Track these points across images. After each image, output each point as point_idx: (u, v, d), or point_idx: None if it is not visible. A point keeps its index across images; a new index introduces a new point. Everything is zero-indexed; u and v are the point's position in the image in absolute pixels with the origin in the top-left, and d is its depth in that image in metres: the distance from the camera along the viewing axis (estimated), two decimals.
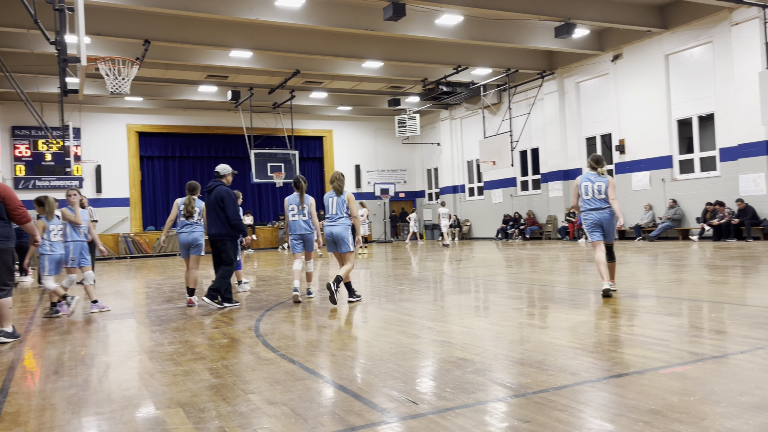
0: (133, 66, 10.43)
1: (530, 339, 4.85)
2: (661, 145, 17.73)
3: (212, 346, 5.22)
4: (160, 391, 3.85)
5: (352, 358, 4.56)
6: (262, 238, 25.13)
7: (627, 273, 9.47)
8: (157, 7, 13.19)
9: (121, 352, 5.24)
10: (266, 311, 7.18)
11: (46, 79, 18.54)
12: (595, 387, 3.47)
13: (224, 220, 7.61)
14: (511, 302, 7.03)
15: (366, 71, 20.12)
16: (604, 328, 5.28)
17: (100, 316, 7.53)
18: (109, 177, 23.29)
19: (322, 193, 27.62)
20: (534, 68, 20.78)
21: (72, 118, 21.49)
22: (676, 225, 17.14)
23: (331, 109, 26.29)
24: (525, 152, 23.28)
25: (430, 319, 6.12)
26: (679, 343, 4.41)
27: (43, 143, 22.22)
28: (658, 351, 4.20)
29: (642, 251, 13.87)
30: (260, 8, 14.13)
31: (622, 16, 16.29)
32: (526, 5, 15.09)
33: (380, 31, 15.61)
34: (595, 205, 6.96)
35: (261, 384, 3.89)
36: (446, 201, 27.19)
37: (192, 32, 15.70)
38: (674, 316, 5.60)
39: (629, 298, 6.83)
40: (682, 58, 17.22)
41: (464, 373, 3.90)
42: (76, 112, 22.12)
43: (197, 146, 25.45)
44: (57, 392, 3.97)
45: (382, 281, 10.10)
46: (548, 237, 21.66)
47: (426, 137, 28.53)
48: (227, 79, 20.91)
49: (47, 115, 20.61)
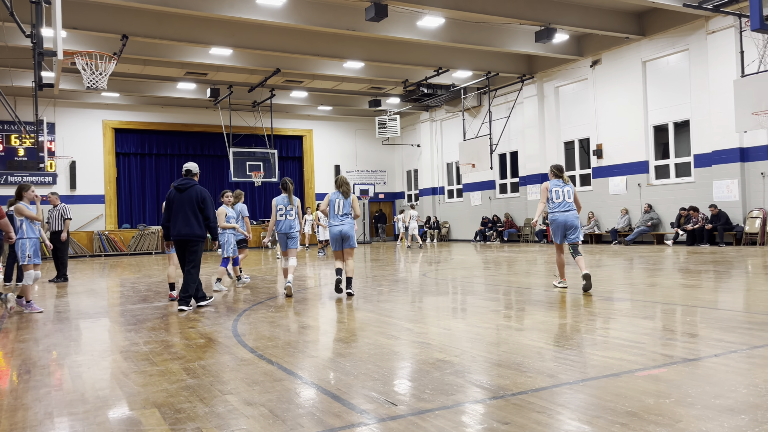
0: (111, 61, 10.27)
1: (508, 341, 4.88)
2: (638, 151, 18.00)
3: (189, 346, 5.15)
4: (136, 392, 3.78)
5: (331, 359, 4.53)
6: None
7: (603, 276, 9.58)
8: (135, 1, 13.01)
9: (95, 352, 5.15)
10: (244, 311, 7.12)
11: (20, 73, 18.17)
12: (572, 389, 3.50)
13: (201, 221, 7.49)
14: (489, 304, 7.06)
15: (347, 71, 20.09)
16: (581, 330, 5.33)
17: (75, 314, 7.39)
18: (84, 173, 22.90)
19: (302, 192, 27.50)
20: (514, 72, 20.94)
21: (46, 112, 21.09)
22: (652, 229, 17.41)
23: (312, 108, 26.19)
24: (504, 155, 23.44)
25: (409, 321, 6.12)
26: (654, 346, 4.47)
27: (16, 138, 21.78)
28: (634, 354, 4.26)
29: (618, 255, 14.05)
30: (241, 6, 14.02)
31: (601, 23, 16.51)
32: (508, 9, 15.20)
33: (362, 31, 15.59)
34: (566, 207, 7.79)
35: (239, 385, 3.85)
36: (426, 202, 27.30)
37: (171, 28, 15.52)
38: (649, 319, 5.67)
39: (605, 301, 6.91)
40: (659, 65, 17.50)
41: (443, 374, 3.91)
42: (50, 107, 21.71)
43: (175, 144, 25.15)
44: (29, 392, 3.89)
45: (360, 282, 10.08)
46: (526, 240, 21.84)
47: (406, 139, 28.57)
48: (206, 77, 20.72)
49: (21, 110, 20.18)
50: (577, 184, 20.43)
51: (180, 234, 7.42)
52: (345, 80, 21.65)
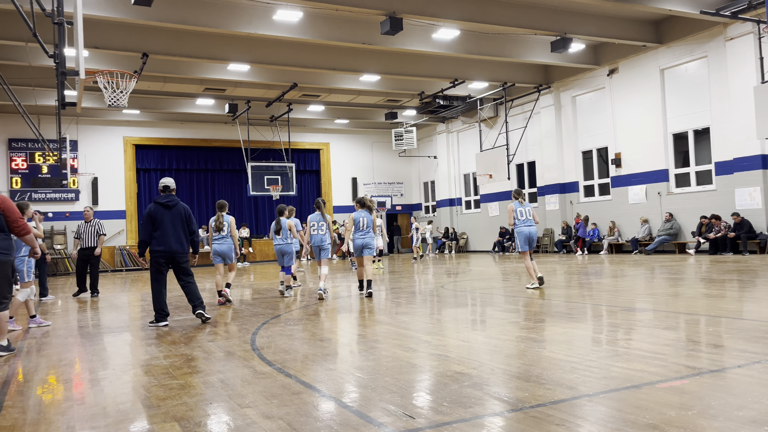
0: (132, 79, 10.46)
1: (527, 353, 4.84)
2: (657, 159, 17.82)
3: (208, 360, 5.19)
4: (156, 405, 3.82)
5: (349, 372, 4.54)
6: (258, 250, 25.08)
7: (624, 286, 9.47)
8: (155, 20, 13.26)
9: (116, 366, 5.21)
10: (262, 324, 7.15)
11: (43, 92, 18.58)
12: (592, 401, 3.46)
13: (187, 236, 7.64)
14: (508, 316, 7.02)
15: (363, 85, 20.23)
16: (601, 341, 5.27)
17: (96, 329, 7.48)
18: (106, 189, 23.26)
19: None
20: (530, 82, 20.91)
21: (69, 130, 21.50)
22: (673, 239, 17.18)
23: (329, 122, 26.37)
24: (521, 165, 23.36)
25: (427, 333, 6.10)
26: (676, 357, 4.41)
27: (40, 156, 22.20)
28: (656, 365, 4.20)
29: (639, 265, 13.89)
30: (258, 22, 14.22)
31: (617, 31, 16.44)
32: (523, 20, 15.21)
33: (377, 45, 15.71)
34: (529, 223, 9.78)
35: (257, 398, 3.87)
36: (443, 214, 27.24)
37: (190, 45, 15.77)
38: (671, 329, 5.59)
39: (626, 312, 6.83)
40: (678, 73, 17.36)
41: (461, 387, 3.89)
42: (73, 124, 22.13)
43: (194, 159, 25.47)
44: (52, 406, 3.94)
45: (378, 295, 10.08)
46: (545, 250, 21.67)
47: (423, 150, 28.62)
48: (225, 92, 20.99)
49: (44, 128, 20.58)
50: (596, 194, 20.28)
51: (171, 250, 7.50)
52: (361, 93, 21.78)
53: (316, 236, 9.93)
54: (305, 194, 27.61)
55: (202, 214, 25.63)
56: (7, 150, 21.82)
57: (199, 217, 25.52)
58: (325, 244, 9.92)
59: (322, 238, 9.93)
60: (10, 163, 21.83)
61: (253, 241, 25.05)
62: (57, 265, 21.30)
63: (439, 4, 14.11)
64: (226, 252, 9.61)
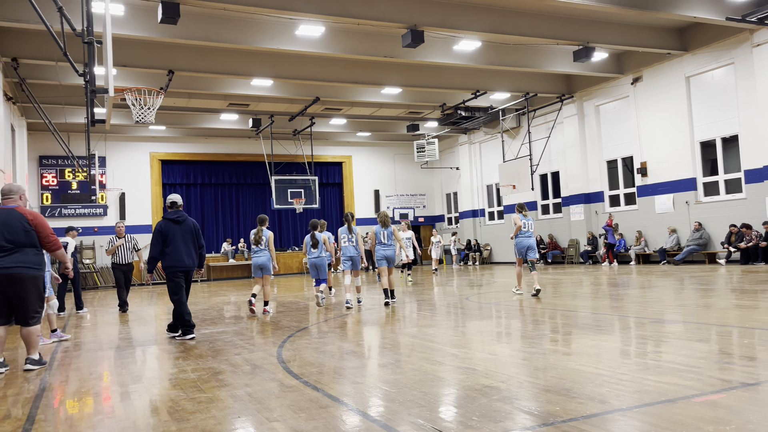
0: (158, 96, 10.65)
1: (556, 366, 4.77)
2: (684, 168, 17.54)
3: (235, 373, 5.21)
4: (185, 419, 3.84)
5: (376, 385, 4.51)
6: (282, 263, 25.20)
7: (653, 298, 9.30)
8: (180, 38, 13.50)
9: (145, 379, 5.26)
10: (288, 337, 7.16)
11: (73, 110, 19.00)
12: (626, 416, 3.39)
13: (197, 251, 7.72)
14: (535, 328, 6.93)
15: (385, 97, 20.32)
16: (631, 354, 5.17)
17: (125, 342, 7.57)
18: (133, 204, 23.63)
19: (340, 217, 27.69)
20: (553, 92, 20.80)
21: (98, 147, 21.93)
22: (702, 248, 16.85)
23: (351, 135, 26.51)
24: (545, 176, 23.18)
25: (453, 346, 6.05)
26: (711, 371, 4.31)
27: (70, 172, 22.67)
28: (690, 378, 4.10)
29: (668, 275, 13.64)
30: (281, 37, 14.39)
31: (641, 39, 16.29)
32: (544, 30, 15.16)
33: (399, 57, 15.78)
34: (529, 234, 10.68)
35: (285, 412, 3.87)
36: (466, 225, 27.11)
37: (214, 62, 16.02)
38: (704, 342, 5.47)
39: (656, 324, 6.70)
40: (704, 80, 17.11)
41: (490, 400, 3.84)
42: (101, 141, 22.57)
43: (219, 173, 25.77)
44: (83, 420, 3.99)
45: (402, 307, 10.04)
46: (570, 261, 21.42)
47: (445, 162, 28.58)
48: (248, 107, 21.24)
49: (74, 145, 21.03)
50: (622, 203, 20.02)
51: (184, 265, 7.56)
52: (383, 106, 21.88)
53: (346, 248, 10.37)
54: (328, 207, 27.73)
55: (227, 228, 25.88)
56: (38, 167, 22.32)
57: (225, 231, 25.79)
58: (355, 256, 10.37)
59: (352, 251, 10.36)
60: (41, 180, 22.32)
61: (277, 253, 25.18)
62: (86, 279, 21.65)
63: (460, 16, 14.14)
64: (264, 264, 9.94)
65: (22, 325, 5.89)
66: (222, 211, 26.05)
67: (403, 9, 13.48)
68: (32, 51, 14.05)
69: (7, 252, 5.69)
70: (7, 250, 5.69)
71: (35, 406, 4.41)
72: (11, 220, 5.75)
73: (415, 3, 13.59)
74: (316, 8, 12.66)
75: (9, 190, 5.98)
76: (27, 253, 5.76)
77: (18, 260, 5.69)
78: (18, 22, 12.14)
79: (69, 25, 8.16)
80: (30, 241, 5.80)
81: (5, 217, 5.77)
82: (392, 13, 13.39)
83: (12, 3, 11.99)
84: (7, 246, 5.69)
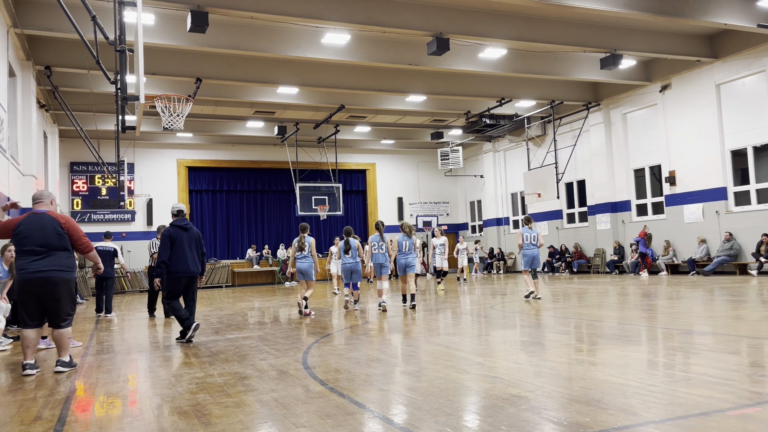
0: (187, 103, 10.82)
1: (585, 376, 4.70)
2: (715, 177, 17.22)
3: (261, 378, 5.23)
4: (213, 423, 3.86)
5: (402, 393, 4.49)
6: None
7: (682, 309, 9.13)
8: (208, 46, 13.70)
9: (173, 382, 5.31)
10: (313, 343, 7.18)
11: (103, 117, 19.38)
12: (659, 428, 3.32)
13: (200, 257, 7.97)
14: (561, 338, 6.85)
15: (409, 105, 20.35)
16: (661, 365, 5.07)
17: (153, 346, 7.66)
18: (160, 210, 23.94)
19: (365, 225, 27.74)
20: (579, 100, 20.62)
21: (126, 153, 22.32)
22: (733, 259, 16.50)
23: (375, 142, 26.58)
24: (571, 184, 22.95)
25: (479, 354, 6.01)
26: (744, 384, 4.20)
27: (99, 178, 23.11)
28: (723, 391, 4.01)
29: (697, 286, 13.38)
30: (307, 46, 14.51)
31: (670, 47, 16.07)
32: (571, 37, 15.04)
33: (424, 65, 15.79)
34: (532, 246, 11.83)
35: (312, 417, 3.87)
36: (490, 233, 26.94)
37: (241, 70, 16.22)
38: (735, 354, 5.34)
39: (685, 335, 6.57)
40: (735, 88, 16.81)
41: (518, 410, 3.80)
42: (130, 148, 22.98)
43: (244, 180, 26.03)
44: (112, 422, 4.04)
45: (425, 315, 10.00)
46: (596, 271, 21.14)
47: (469, 169, 28.48)
48: (274, 115, 21.43)
49: (103, 151, 21.47)
50: (649, 213, 19.72)
51: (189, 271, 7.83)
52: (407, 114, 21.91)
53: (377, 255, 10.89)
54: (351, 214, 27.81)
55: (251, 235, 26.08)
56: (69, 173, 22.79)
57: (249, 237, 25.98)
58: (385, 262, 10.86)
59: (382, 257, 10.88)
60: (71, 186, 22.79)
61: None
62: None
63: (486, 24, 14.11)
64: (306, 269, 10.56)
65: (54, 327, 6.02)
66: (247, 217, 26.28)
67: (429, 17, 13.51)
68: (65, 59, 14.38)
69: (41, 256, 5.82)
70: (41, 254, 5.82)
71: (65, 408, 4.48)
72: (44, 224, 5.88)
73: (441, 11, 13.61)
74: (342, 16, 12.75)
75: (40, 195, 6.17)
76: (60, 257, 5.90)
77: (52, 264, 5.83)
78: (52, 31, 12.45)
79: (102, 34, 8.34)
80: (62, 245, 5.93)
81: (38, 221, 5.90)
82: (418, 20, 13.42)
83: (46, 13, 12.30)
84: (41, 250, 5.83)
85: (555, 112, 21.39)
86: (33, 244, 5.81)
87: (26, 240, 5.82)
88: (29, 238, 5.82)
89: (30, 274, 5.77)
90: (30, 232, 5.83)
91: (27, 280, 5.78)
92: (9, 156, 12.14)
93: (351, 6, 12.84)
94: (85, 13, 9.37)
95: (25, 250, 5.82)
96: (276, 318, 10.69)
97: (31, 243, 5.81)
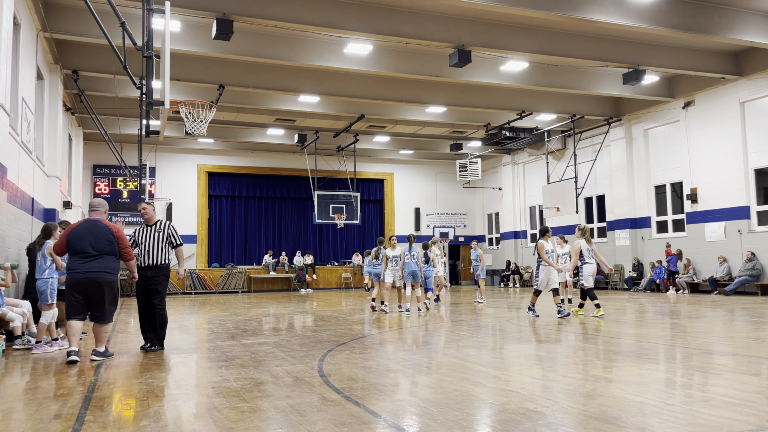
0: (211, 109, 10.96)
1: (603, 393, 4.65)
2: (737, 195, 16.99)
3: (277, 384, 5.25)
4: (229, 427, 3.88)
5: (417, 404, 4.48)
6: (322, 278, 25.36)
7: (702, 329, 9.00)
8: (232, 54, 13.87)
9: (189, 386, 5.35)
10: (328, 351, 7.19)
11: (126, 122, 19.68)
12: None
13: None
14: (578, 353, 6.78)
15: (429, 116, 20.39)
16: (681, 385, 5.00)
17: (169, 349, 7.72)
18: (179, 214, 24.21)
19: (382, 234, 27.74)
20: (600, 114, 20.51)
21: (148, 158, 22.63)
22: (755, 279, 16.23)
23: (394, 152, 26.65)
24: (590, 199, 22.79)
25: (495, 368, 5.97)
26: (766, 406, 4.13)
27: (121, 181, 23.44)
28: (744, 413, 3.94)
29: (718, 306, 13.18)
30: (329, 55, 14.63)
31: (693, 63, 15.95)
32: (594, 52, 15.00)
33: (445, 77, 15.84)
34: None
35: (327, 425, 3.87)
36: (507, 246, 26.79)
37: (263, 77, 16.39)
38: (756, 376, 5.25)
39: (705, 355, 6.47)
40: (760, 106, 16.61)
41: (535, 425, 3.77)
42: (152, 152, 23.29)
43: (263, 187, 26.22)
44: (129, 423, 4.08)
45: (441, 327, 9.96)
46: (614, 287, 20.92)
47: (487, 182, 28.41)
48: (294, 123, 21.60)
49: (126, 155, 21.78)
50: (670, 230, 19.51)
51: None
52: (427, 125, 21.95)
53: (408, 264, 12.28)
54: (368, 223, 27.86)
55: (269, 241, 26.22)
56: (92, 175, 23.15)
57: (266, 243, 26.13)
58: (416, 271, 12.24)
59: (412, 266, 12.25)
60: (94, 188, 23.13)
61: (317, 268, 25.36)
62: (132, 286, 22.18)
63: (508, 37, 14.13)
64: (380, 273, 12.92)
65: (96, 322, 6.78)
66: (264, 223, 26.44)
67: (451, 29, 13.56)
68: (92, 64, 14.65)
69: (92, 258, 6.58)
70: (92, 257, 6.58)
71: (84, 407, 4.53)
72: (98, 231, 6.66)
73: (463, 23, 13.66)
74: (365, 27, 12.85)
75: (96, 204, 6.90)
76: (107, 260, 6.66)
77: (100, 266, 6.59)
78: (80, 36, 12.70)
79: (131, 39, 8.49)
80: (111, 250, 6.69)
81: (93, 227, 6.68)
82: (440, 32, 13.48)
83: (75, 18, 12.56)
84: (93, 253, 6.58)
85: (575, 126, 21.30)
86: (85, 247, 6.55)
87: (80, 243, 6.56)
88: (83, 242, 6.57)
89: (80, 274, 6.52)
90: (84, 236, 6.60)
91: (77, 280, 6.52)
92: (35, 157, 12.37)
93: (373, 17, 12.94)
94: (112, 18, 9.56)
95: (78, 251, 6.55)
96: (291, 324, 10.72)
97: (83, 246, 6.55)
